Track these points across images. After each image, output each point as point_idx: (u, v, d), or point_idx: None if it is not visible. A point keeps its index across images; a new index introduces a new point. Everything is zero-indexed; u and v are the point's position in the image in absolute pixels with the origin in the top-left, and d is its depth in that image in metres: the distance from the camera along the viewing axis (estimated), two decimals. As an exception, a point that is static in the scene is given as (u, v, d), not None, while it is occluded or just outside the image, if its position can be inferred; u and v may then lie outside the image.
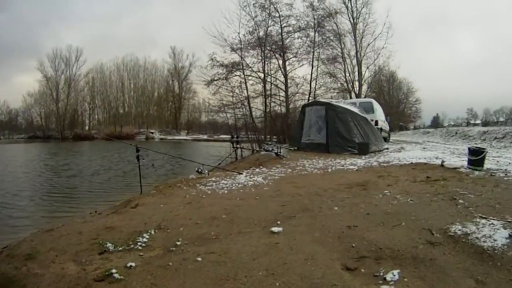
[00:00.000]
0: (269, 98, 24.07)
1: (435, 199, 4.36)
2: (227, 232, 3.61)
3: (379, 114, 16.86)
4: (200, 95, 58.17)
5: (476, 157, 6.34)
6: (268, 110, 23.84)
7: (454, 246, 2.95)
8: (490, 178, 5.55)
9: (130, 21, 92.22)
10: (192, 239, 3.45)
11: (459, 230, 3.21)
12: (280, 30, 24.16)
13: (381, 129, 16.24)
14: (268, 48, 23.76)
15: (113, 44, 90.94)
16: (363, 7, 32.70)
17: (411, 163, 7.83)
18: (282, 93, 24.52)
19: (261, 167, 8.49)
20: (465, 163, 6.58)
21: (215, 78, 23.43)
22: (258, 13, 23.58)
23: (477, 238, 3.02)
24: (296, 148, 12.35)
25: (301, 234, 3.42)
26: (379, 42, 32.58)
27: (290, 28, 24.43)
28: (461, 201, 4.14)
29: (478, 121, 66.36)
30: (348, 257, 2.88)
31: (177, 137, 57.35)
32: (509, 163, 7.56)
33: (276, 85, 24.63)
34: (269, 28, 24.05)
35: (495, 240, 2.95)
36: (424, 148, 12.64)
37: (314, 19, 25.50)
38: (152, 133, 59.70)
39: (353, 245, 3.07)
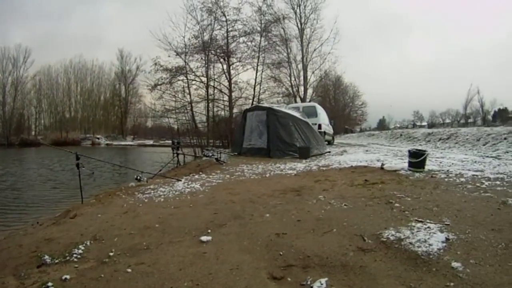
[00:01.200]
0: (212, 102, 25.57)
1: (370, 203, 4.60)
2: (158, 241, 3.76)
3: (322, 118, 18.22)
4: (146, 100, 59.77)
5: (417, 159, 6.81)
6: (211, 114, 25.53)
7: (386, 252, 3.10)
8: (430, 179, 5.98)
9: (79, 20, 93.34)
10: (125, 249, 3.59)
11: (392, 235, 3.40)
12: (226, 34, 25.64)
13: (324, 133, 17.63)
14: (213, 52, 25.18)
15: (62, 44, 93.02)
16: (312, 13, 35.48)
17: (351, 166, 8.26)
18: (226, 98, 25.98)
19: (200, 173, 8.78)
20: (406, 165, 7.06)
21: (159, 83, 24.71)
22: (205, 17, 25.25)
23: (411, 243, 3.20)
24: (237, 153, 12.88)
25: (229, 243, 3.56)
26: (326, 47, 35.57)
27: (236, 33, 26.02)
28: (397, 204, 4.40)
29: (424, 123, 71.96)
30: (275, 265, 2.99)
31: (123, 143, 60.99)
32: (452, 164, 8.25)
33: (220, 90, 26.18)
34: (215, 32, 25.61)
35: (430, 244, 3.14)
36: (367, 151, 13.33)
37: (261, 23, 27.35)
38: (98, 138, 62.69)
39: (281, 253, 3.19)
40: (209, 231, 3.94)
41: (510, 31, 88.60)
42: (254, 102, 25.57)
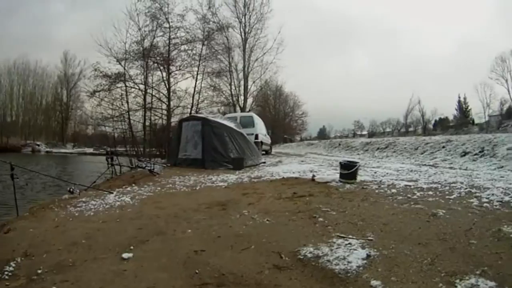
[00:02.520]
0: (150, 111, 25.51)
1: (294, 218, 4.52)
2: (83, 258, 3.69)
3: (259, 128, 18.54)
4: (87, 106, 58.73)
5: (348, 170, 6.86)
6: (149, 123, 25.53)
7: (303, 270, 3.01)
8: (361, 191, 6.03)
9: (25, 17, 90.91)
10: (52, 266, 3.52)
11: (310, 252, 3.30)
12: (168, 42, 25.78)
13: (261, 143, 18.03)
14: (153, 59, 25.23)
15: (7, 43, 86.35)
16: (257, 22, 36.91)
17: (283, 178, 8.28)
18: (165, 106, 26.06)
19: (133, 185, 8.59)
20: (338, 177, 7.08)
21: (98, 89, 24.39)
22: (148, 22, 25.41)
23: (328, 260, 3.11)
24: (173, 163, 12.85)
25: (149, 260, 3.53)
26: (268, 57, 37.18)
27: (178, 40, 26.15)
28: (321, 219, 4.33)
29: (364, 132, 75.13)
30: (191, 284, 2.98)
31: (63, 150, 60.45)
32: (386, 174, 8.46)
33: (159, 98, 26.17)
34: (157, 39, 25.84)
35: (349, 262, 3.05)
36: (302, 161, 13.53)
37: (204, 32, 27.87)
38: (38, 145, 62.07)
39: (197, 271, 3.16)
40: (132, 247, 3.88)
41: (452, 43, 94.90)
42: (192, 111, 25.87)
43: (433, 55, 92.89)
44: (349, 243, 3.47)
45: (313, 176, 7.41)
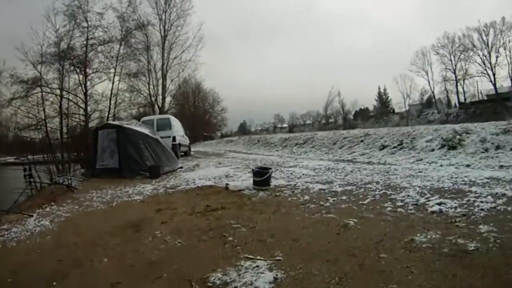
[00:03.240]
0: (67, 117, 24.61)
1: (205, 237, 4.46)
2: None
3: (176, 129, 18.46)
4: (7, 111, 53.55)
5: (260, 178, 6.92)
6: (66, 130, 24.48)
7: (212, 299, 2.95)
8: (273, 200, 6.07)
9: None
10: None
11: (219, 279, 3.26)
12: (85, 42, 25.08)
13: (179, 145, 17.99)
14: (69, 62, 24.42)
15: None
16: (177, 19, 36.62)
17: (198, 187, 8.20)
18: (82, 111, 25.28)
19: (53, 203, 8.06)
20: (251, 183, 7.11)
21: (15, 97, 23.51)
22: (67, 21, 24.70)
23: (236, 287, 3.09)
24: (91, 174, 12.45)
25: None
26: (188, 54, 37.27)
27: (95, 41, 25.50)
28: (230, 238, 4.29)
29: (285, 125, 76.66)
30: None
31: None
32: (303, 175, 8.63)
33: (76, 103, 25.29)
34: (74, 40, 25.03)
35: (256, 287, 3.05)
36: (219, 164, 13.42)
37: (122, 30, 27.50)
38: None
39: None
40: (54, 283, 3.74)
41: (372, 37, 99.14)
42: (110, 115, 25.61)
43: (355, 48, 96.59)
44: (257, 266, 3.45)
45: (227, 184, 7.38)
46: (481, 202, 4.83)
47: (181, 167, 12.97)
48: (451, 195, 5.38)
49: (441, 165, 8.91)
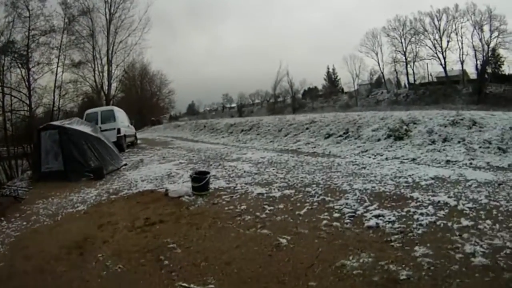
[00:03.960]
0: (11, 113, 23.57)
1: (143, 261, 4.51)
2: None
3: (121, 120, 18.21)
4: None
5: (199, 183, 7.02)
6: (11, 127, 23.70)
7: None
8: (210, 210, 6.18)
9: None
10: None
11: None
12: (27, 34, 24.07)
13: (125, 136, 17.86)
14: (10, 56, 23.46)
15: None
16: (123, 1, 35.87)
17: (139, 191, 8.18)
18: (27, 107, 24.46)
19: (2, 219, 7.74)
20: (191, 188, 7.23)
21: None
22: (9, 12, 23.44)
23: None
24: (37, 178, 11.96)
25: None
26: (133, 38, 36.18)
27: (37, 32, 24.59)
28: (166, 262, 4.38)
29: (234, 105, 76.51)
30: None
31: None
32: (244, 172, 8.84)
33: (20, 99, 24.22)
34: (14, 34, 24.01)
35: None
36: (163, 158, 13.31)
37: (65, 18, 26.91)
38: None
39: None
40: None
41: (322, 18, 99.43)
42: (55, 108, 25.36)
43: (304, 28, 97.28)
44: (191, 296, 3.57)
45: (167, 190, 7.43)
46: (421, 214, 4.92)
47: (125, 164, 12.83)
48: (391, 203, 5.50)
49: (386, 158, 9.14)
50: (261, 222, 5.33)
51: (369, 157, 9.53)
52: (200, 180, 7.08)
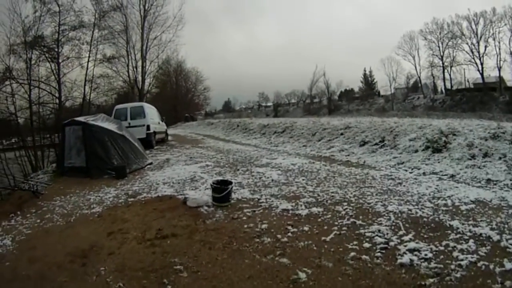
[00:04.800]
0: (40, 106, 24.22)
1: (145, 282, 4.11)
2: None
3: (151, 117, 18.04)
4: None
5: (219, 194, 6.52)
6: (38, 121, 24.14)
7: None
8: (228, 226, 5.64)
9: None
10: None
11: None
12: (57, 29, 24.53)
13: (154, 133, 17.79)
14: (39, 50, 23.93)
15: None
16: None
17: (158, 196, 7.82)
18: (57, 101, 25.00)
19: (18, 214, 7.82)
20: (211, 194, 6.79)
21: None
22: (38, 7, 23.88)
23: None
24: (60, 172, 12.11)
25: None
26: (168, 35, 37.11)
27: (67, 27, 25.03)
28: (169, 287, 3.96)
29: (269, 103, 76.42)
30: None
31: None
32: (272, 181, 8.31)
33: (50, 92, 24.90)
34: (44, 28, 24.46)
35: None
36: (191, 158, 12.99)
37: (96, 13, 27.28)
38: None
39: None
40: None
41: (360, 18, 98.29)
42: (85, 102, 25.88)
43: (342, 29, 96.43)
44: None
45: (185, 199, 6.99)
46: (461, 251, 4.17)
47: (151, 163, 12.61)
48: (428, 234, 4.75)
49: (423, 173, 8.32)
50: (281, 247, 4.72)
51: (406, 171, 8.72)
52: (221, 191, 6.57)
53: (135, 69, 35.00)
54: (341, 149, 12.45)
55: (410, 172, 8.54)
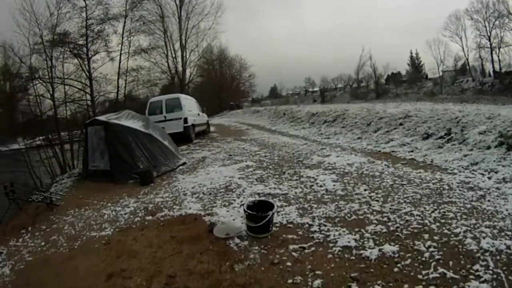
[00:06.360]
0: (65, 105, 23.90)
1: None
2: None
3: (188, 109, 17.06)
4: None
5: (256, 224, 4.75)
6: (72, 118, 24.00)
7: None
8: (264, 278, 3.85)
9: None
10: None
11: None
12: (85, 23, 24.30)
13: (193, 126, 17.20)
14: (67, 47, 23.74)
15: None
16: None
17: (180, 215, 6.33)
18: (89, 97, 24.81)
19: (29, 230, 7.11)
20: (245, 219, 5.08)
21: (15, 90, 23.91)
22: (62, 4, 23.54)
23: None
24: (84, 176, 11.41)
25: None
26: (206, 23, 38.01)
27: (93, 21, 24.75)
28: None
29: (316, 89, 75.08)
30: None
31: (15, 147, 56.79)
32: (325, 191, 6.60)
33: (82, 89, 24.67)
34: (71, 24, 24.12)
35: None
36: (230, 156, 11.57)
37: (126, 4, 26.94)
38: None
39: None
40: None
41: None
42: (119, 97, 25.51)
43: (386, 10, 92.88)
44: None
45: (212, 225, 5.37)
46: None
47: (184, 163, 11.29)
48: None
49: (503, 179, 6.24)
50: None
51: (483, 175, 6.70)
52: (258, 220, 4.78)
53: (174, 59, 34.46)
54: (402, 143, 10.58)
55: (488, 177, 6.54)
